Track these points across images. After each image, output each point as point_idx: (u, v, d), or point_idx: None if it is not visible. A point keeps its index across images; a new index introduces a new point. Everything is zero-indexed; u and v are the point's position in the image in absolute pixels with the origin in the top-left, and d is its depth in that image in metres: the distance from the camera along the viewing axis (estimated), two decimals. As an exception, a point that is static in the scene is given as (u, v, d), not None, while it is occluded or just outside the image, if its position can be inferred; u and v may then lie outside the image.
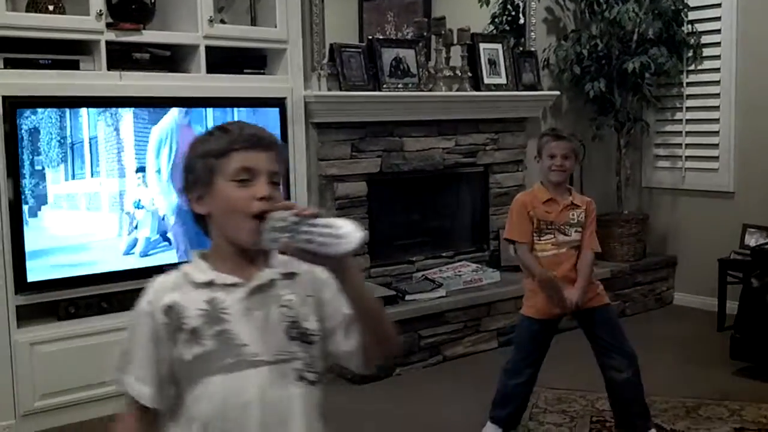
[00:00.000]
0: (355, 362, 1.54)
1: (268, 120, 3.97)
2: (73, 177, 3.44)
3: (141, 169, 3.62)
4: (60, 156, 3.39)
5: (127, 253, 3.61)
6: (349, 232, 1.34)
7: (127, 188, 3.59)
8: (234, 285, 1.47)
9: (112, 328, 3.51)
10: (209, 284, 1.47)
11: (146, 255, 3.65)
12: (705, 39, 5.12)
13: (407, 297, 4.16)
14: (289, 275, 1.51)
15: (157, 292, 1.48)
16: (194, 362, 1.44)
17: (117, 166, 3.56)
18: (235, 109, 3.86)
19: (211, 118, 3.80)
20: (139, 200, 3.62)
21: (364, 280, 1.44)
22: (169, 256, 3.69)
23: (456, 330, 4.27)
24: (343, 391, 3.87)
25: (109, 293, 3.56)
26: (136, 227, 3.62)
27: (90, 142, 3.46)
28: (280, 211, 1.39)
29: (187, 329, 1.44)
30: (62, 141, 3.39)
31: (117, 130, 3.55)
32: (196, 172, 1.50)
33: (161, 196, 3.68)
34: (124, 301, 3.60)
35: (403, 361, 4.07)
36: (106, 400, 3.51)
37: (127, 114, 3.56)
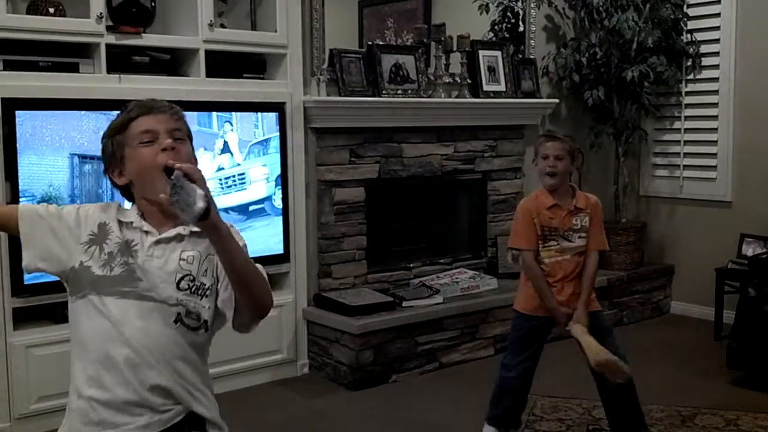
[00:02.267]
0: (229, 314, 1.75)
1: (267, 124, 3.98)
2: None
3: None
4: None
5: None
6: (195, 202, 1.52)
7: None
8: (147, 232, 1.76)
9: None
10: (130, 225, 1.77)
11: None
12: (704, 48, 5.13)
13: (404, 303, 4.16)
14: (198, 234, 1.73)
15: (97, 210, 1.79)
16: (99, 279, 1.71)
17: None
18: (234, 114, 3.86)
19: (215, 120, 3.80)
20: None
21: (236, 243, 1.66)
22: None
23: (453, 337, 4.27)
24: (338, 396, 3.87)
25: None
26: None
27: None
28: (178, 170, 1.58)
29: (106, 251, 1.73)
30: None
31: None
32: (108, 150, 1.79)
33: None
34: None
35: (400, 368, 4.07)
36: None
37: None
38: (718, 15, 5.05)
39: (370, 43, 4.39)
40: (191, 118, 3.70)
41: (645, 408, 3.27)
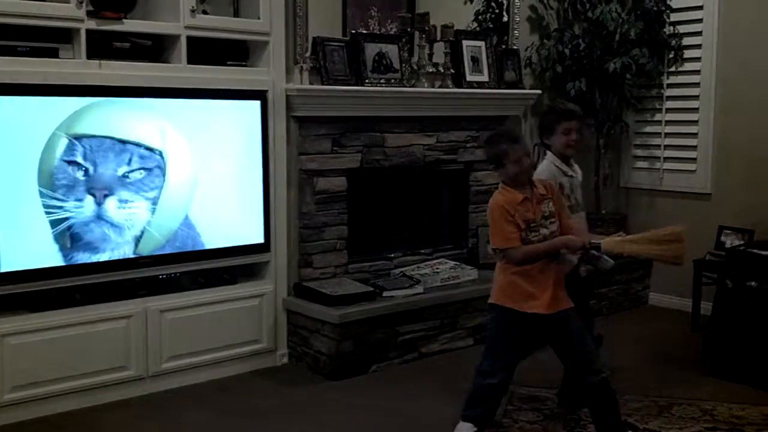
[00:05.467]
0: None
1: (248, 112, 3.96)
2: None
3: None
4: (37, 145, 3.35)
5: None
6: None
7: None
8: None
9: (84, 320, 3.52)
10: None
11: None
12: (686, 41, 5.16)
13: (385, 293, 4.16)
14: None
15: None
16: None
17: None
18: (215, 101, 3.84)
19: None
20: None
21: None
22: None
23: (433, 327, 4.28)
24: (318, 386, 3.87)
25: (82, 285, 3.53)
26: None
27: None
28: None
29: None
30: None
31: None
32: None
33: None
34: (97, 294, 3.59)
35: (380, 357, 4.07)
36: (79, 393, 3.52)
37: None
38: (700, 8, 5.07)
39: (353, 31, 4.37)
40: (172, 105, 3.70)
41: (622, 399, 3.30)
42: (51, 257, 3.43)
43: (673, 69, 5.24)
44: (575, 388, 3.26)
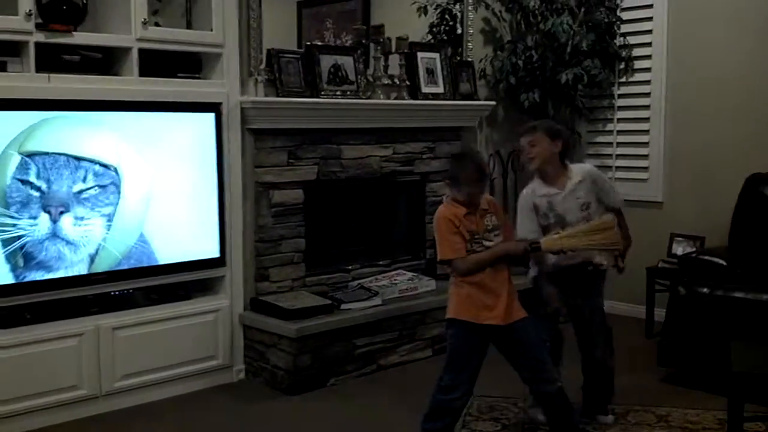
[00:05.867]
0: None
1: (202, 125, 3.92)
2: None
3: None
4: None
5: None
6: None
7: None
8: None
9: (34, 339, 3.44)
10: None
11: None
12: (637, 52, 5.25)
13: (342, 306, 4.14)
14: None
15: None
16: None
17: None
18: (168, 113, 3.79)
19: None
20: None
21: None
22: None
23: (391, 339, 4.27)
24: (276, 401, 3.83)
25: (32, 303, 3.45)
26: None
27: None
28: None
29: None
30: None
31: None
32: None
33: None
34: (48, 312, 3.51)
35: (338, 371, 4.05)
36: (30, 414, 3.44)
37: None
38: (650, 19, 5.17)
39: (308, 43, 4.36)
40: (125, 119, 3.65)
41: (578, 406, 3.34)
42: (1, 276, 3.34)
43: (624, 80, 5.33)
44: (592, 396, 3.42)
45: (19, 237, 3.36)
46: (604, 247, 3.12)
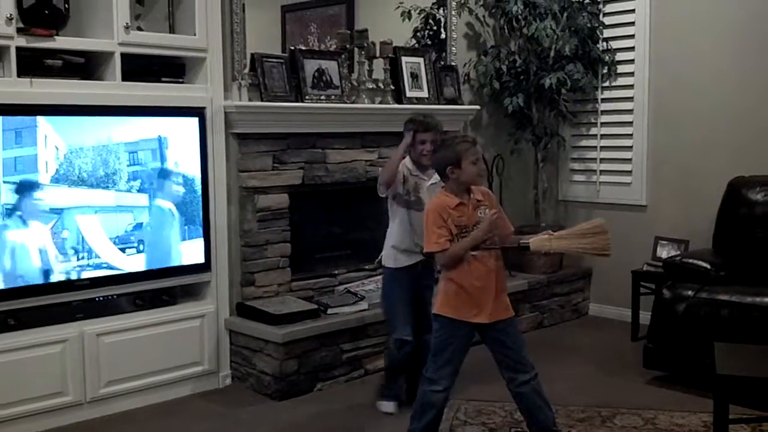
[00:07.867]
0: None
1: (187, 130, 3.90)
2: None
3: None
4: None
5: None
6: None
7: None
8: None
9: (18, 346, 3.41)
10: None
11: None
12: (619, 56, 5.29)
13: (329, 311, 4.13)
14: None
15: None
16: None
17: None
18: (152, 118, 3.77)
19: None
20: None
21: None
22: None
23: (378, 343, 4.26)
24: (263, 407, 3.81)
25: (16, 309, 3.41)
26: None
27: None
28: None
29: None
30: None
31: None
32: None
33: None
34: (32, 318, 3.47)
35: (325, 376, 4.03)
36: (14, 421, 3.41)
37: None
38: (632, 23, 5.21)
39: (292, 47, 4.35)
40: (104, 123, 3.62)
41: (565, 409, 3.34)
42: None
43: (607, 84, 5.36)
44: None
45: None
46: (593, 252, 3.07)
